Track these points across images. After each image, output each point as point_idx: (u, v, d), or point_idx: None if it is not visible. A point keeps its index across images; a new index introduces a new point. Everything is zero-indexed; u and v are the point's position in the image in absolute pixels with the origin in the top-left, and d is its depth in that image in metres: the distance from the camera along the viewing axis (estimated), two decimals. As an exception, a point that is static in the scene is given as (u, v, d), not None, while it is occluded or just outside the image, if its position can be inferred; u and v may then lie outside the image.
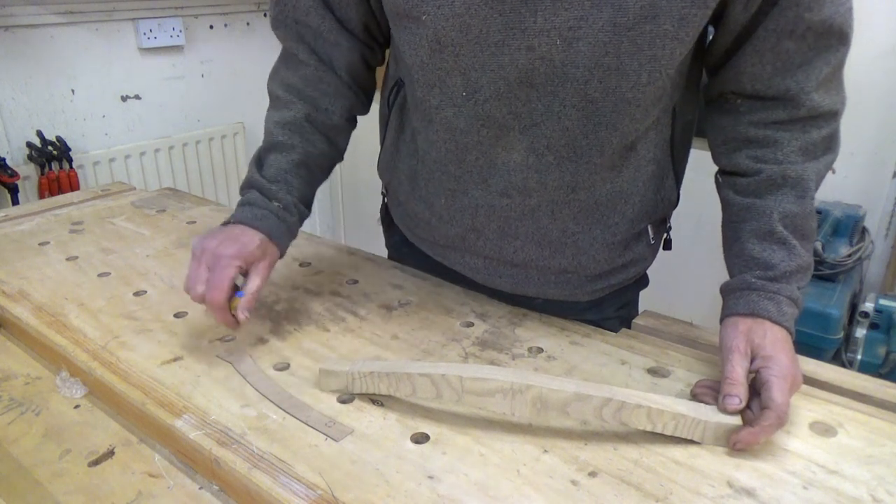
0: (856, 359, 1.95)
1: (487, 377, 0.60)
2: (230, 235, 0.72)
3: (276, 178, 0.78)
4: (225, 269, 0.69)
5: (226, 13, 2.37)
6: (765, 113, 0.69)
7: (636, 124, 0.69)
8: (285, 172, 0.79)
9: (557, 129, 0.68)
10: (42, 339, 0.77)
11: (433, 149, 0.76)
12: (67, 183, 1.95)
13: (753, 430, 0.57)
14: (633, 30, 0.60)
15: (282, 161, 0.79)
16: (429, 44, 0.67)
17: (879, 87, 2.01)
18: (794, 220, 0.67)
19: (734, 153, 0.72)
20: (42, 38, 1.93)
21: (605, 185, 0.73)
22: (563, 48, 0.62)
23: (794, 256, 0.66)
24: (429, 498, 0.53)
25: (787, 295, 0.65)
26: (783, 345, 0.62)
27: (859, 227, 2.10)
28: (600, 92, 0.64)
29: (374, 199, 1.00)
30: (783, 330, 0.64)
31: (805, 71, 0.65)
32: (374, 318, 0.82)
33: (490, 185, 0.74)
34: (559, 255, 0.78)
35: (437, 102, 0.71)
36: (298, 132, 0.80)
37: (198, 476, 0.60)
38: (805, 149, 0.68)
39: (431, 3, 0.64)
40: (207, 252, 0.71)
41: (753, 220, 0.68)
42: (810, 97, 0.66)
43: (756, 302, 0.64)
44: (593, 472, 0.56)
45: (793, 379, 0.60)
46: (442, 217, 0.80)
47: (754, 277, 0.66)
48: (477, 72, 0.66)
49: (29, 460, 0.61)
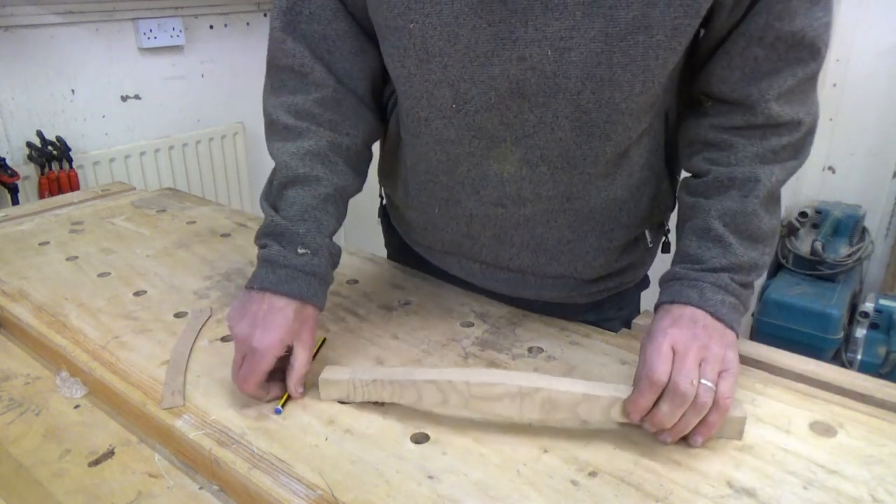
0: (856, 359, 1.95)
1: (495, 382, 0.59)
2: (260, 317, 0.64)
3: (301, 216, 0.68)
4: (258, 363, 0.63)
5: (226, 13, 2.37)
6: (724, 117, 0.68)
7: (629, 132, 0.68)
8: (313, 209, 0.68)
9: (551, 141, 0.67)
10: (42, 339, 0.77)
11: (423, 160, 0.74)
12: (67, 183, 1.95)
13: (632, 398, 0.58)
14: (626, 40, 0.60)
15: (306, 196, 0.69)
16: (416, 53, 0.65)
17: (879, 87, 2.01)
18: (735, 218, 0.65)
19: (694, 156, 0.71)
20: (42, 38, 1.93)
21: (599, 194, 0.73)
22: (554, 59, 0.61)
23: (728, 254, 0.65)
24: (429, 498, 0.53)
25: (710, 281, 0.63)
26: (689, 321, 0.61)
27: (859, 227, 2.10)
28: (593, 103, 0.64)
29: (374, 199, 1.00)
30: (703, 312, 0.62)
31: (770, 80, 0.64)
32: (374, 318, 0.82)
33: (482, 195, 0.73)
34: (555, 262, 0.78)
35: (426, 114, 0.69)
36: (322, 162, 0.70)
37: (198, 476, 0.60)
38: (761, 155, 0.67)
39: (419, 11, 0.62)
40: (241, 342, 0.64)
41: (694, 218, 0.68)
42: (769, 106, 0.65)
43: (678, 290, 0.64)
44: (593, 472, 0.56)
45: (697, 345, 0.58)
46: (437, 224, 0.80)
47: (681, 268, 0.66)
48: (466, 83, 0.65)
49: (29, 460, 0.61)
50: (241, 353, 0.64)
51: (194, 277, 0.93)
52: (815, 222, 2.11)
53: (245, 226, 1.13)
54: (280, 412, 0.64)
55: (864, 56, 2.01)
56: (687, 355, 0.57)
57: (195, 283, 0.91)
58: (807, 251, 2.04)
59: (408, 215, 0.85)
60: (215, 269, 0.95)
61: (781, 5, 0.61)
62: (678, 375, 0.56)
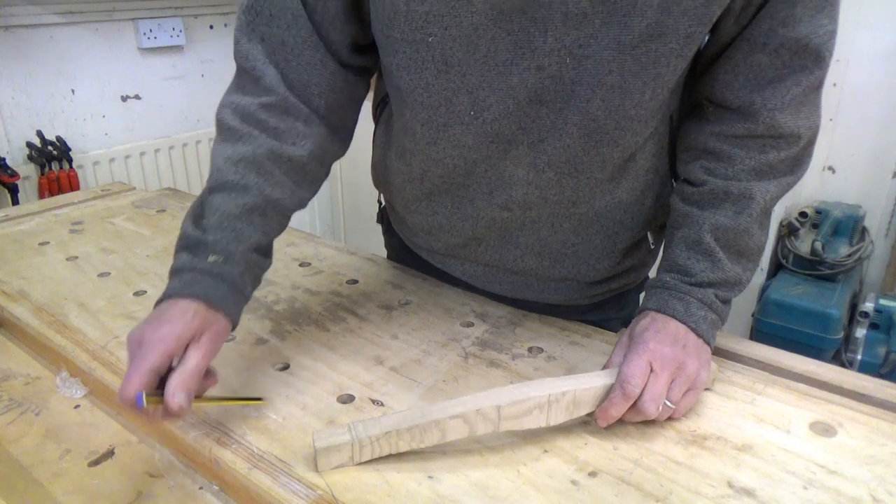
0: (856, 359, 1.95)
1: (524, 398, 0.57)
2: (154, 317, 0.57)
3: (218, 225, 0.62)
4: (144, 357, 0.53)
5: (226, 13, 2.37)
6: (726, 125, 0.68)
7: (636, 137, 0.68)
8: (234, 219, 0.62)
9: (558, 147, 0.67)
10: (42, 339, 0.77)
11: (439, 165, 0.73)
12: (67, 183, 1.95)
13: (603, 407, 0.60)
14: (638, 48, 0.59)
15: (229, 205, 0.63)
16: (435, 65, 0.64)
17: (879, 87, 2.01)
18: (726, 234, 0.66)
19: (692, 162, 0.71)
20: (42, 38, 1.93)
21: (604, 197, 0.73)
22: (573, 66, 0.61)
23: (716, 269, 0.66)
24: (429, 498, 0.53)
25: (698, 297, 0.65)
26: (671, 338, 0.63)
27: (859, 227, 2.10)
28: (603, 110, 0.64)
29: (373, 200, 1.00)
30: (685, 328, 0.64)
31: (774, 88, 0.64)
32: (374, 318, 0.82)
33: (494, 197, 0.73)
34: (559, 265, 0.78)
35: (444, 121, 0.68)
36: (255, 170, 0.65)
37: (198, 476, 0.60)
38: (759, 169, 0.67)
39: (438, 24, 0.61)
40: (130, 343, 0.56)
41: (686, 228, 0.69)
42: (772, 115, 0.65)
43: (666, 300, 0.66)
44: (593, 472, 0.56)
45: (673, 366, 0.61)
46: (443, 227, 0.79)
47: (671, 278, 0.67)
48: (485, 91, 0.64)
49: (29, 460, 0.61)
50: (130, 356, 0.55)
51: (194, 277, 0.93)
52: (815, 222, 2.11)
53: (245, 226, 1.12)
54: (141, 403, 0.52)
55: (864, 56, 2.01)
56: (660, 375, 0.60)
57: (195, 283, 0.91)
58: (807, 251, 2.04)
59: (410, 220, 0.84)
60: (215, 269, 0.95)
61: (786, 11, 0.61)
62: (647, 395, 0.59)
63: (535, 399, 0.58)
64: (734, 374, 0.70)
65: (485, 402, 0.57)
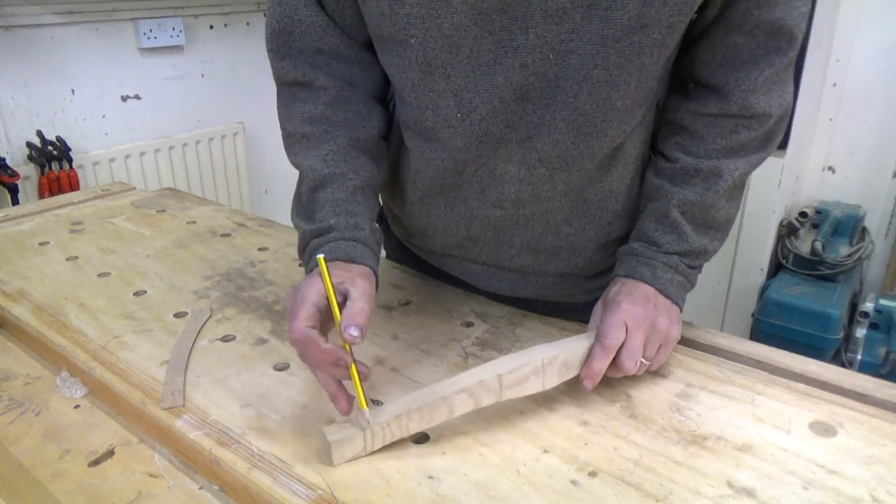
0: (856, 359, 1.96)
1: (522, 363, 0.61)
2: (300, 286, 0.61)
3: (333, 212, 0.68)
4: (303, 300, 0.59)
5: (226, 13, 2.37)
6: (701, 103, 0.71)
7: (624, 126, 0.69)
8: (344, 202, 0.68)
9: (548, 143, 0.67)
10: (42, 339, 0.77)
11: (431, 165, 0.74)
12: (67, 183, 1.95)
13: (586, 364, 0.64)
14: (622, 41, 0.60)
15: (336, 193, 0.69)
16: (419, 66, 0.65)
17: (879, 87, 2.01)
18: (692, 208, 0.71)
19: (668, 137, 0.75)
20: (42, 38, 1.93)
21: (594, 186, 0.74)
22: (556, 62, 0.62)
23: (681, 241, 0.71)
24: (429, 498, 0.53)
25: (663, 262, 0.70)
26: (642, 299, 0.67)
27: (859, 227, 2.10)
28: (590, 104, 0.64)
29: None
30: (653, 290, 0.69)
31: (748, 69, 0.67)
32: (374, 318, 0.82)
33: (486, 195, 0.73)
34: (555, 260, 0.79)
35: (432, 124, 0.69)
36: (343, 159, 0.71)
37: (198, 476, 0.60)
38: (729, 148, 0.70)
39: (419, 25, 0.62)
40: (288, 299, 0.62)
41: (656, 201, 0.73)
42: (745, 96, 0.67)
43: (634, 266, 0.71)
44: (593, 472, 0.56)
45: (646, 324, 0.65)
46: (437, 228, 0.80)
47: (639, 246, 0.72)
48: (470, 92, 0.65)
49: (29, 460, 0.61)
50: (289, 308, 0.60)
51: (194, 277, 0.93)
52: (815, 222, 2.12)
53: (245, 226, 1.13)
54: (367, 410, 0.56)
55: (864, 56, 2.01)
56: (635, 333, 0.65)
57: (195, 283, 0.91)
58: (807, 251, 2.04)
59: (407, 221, 0.85)
60: (215, 269, 0.95)
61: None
62: (624, 352, 0.64)
63: (532, 364, 0.61)
64: (734, 374, 0.70)
65: (486, 373, 0.60)
